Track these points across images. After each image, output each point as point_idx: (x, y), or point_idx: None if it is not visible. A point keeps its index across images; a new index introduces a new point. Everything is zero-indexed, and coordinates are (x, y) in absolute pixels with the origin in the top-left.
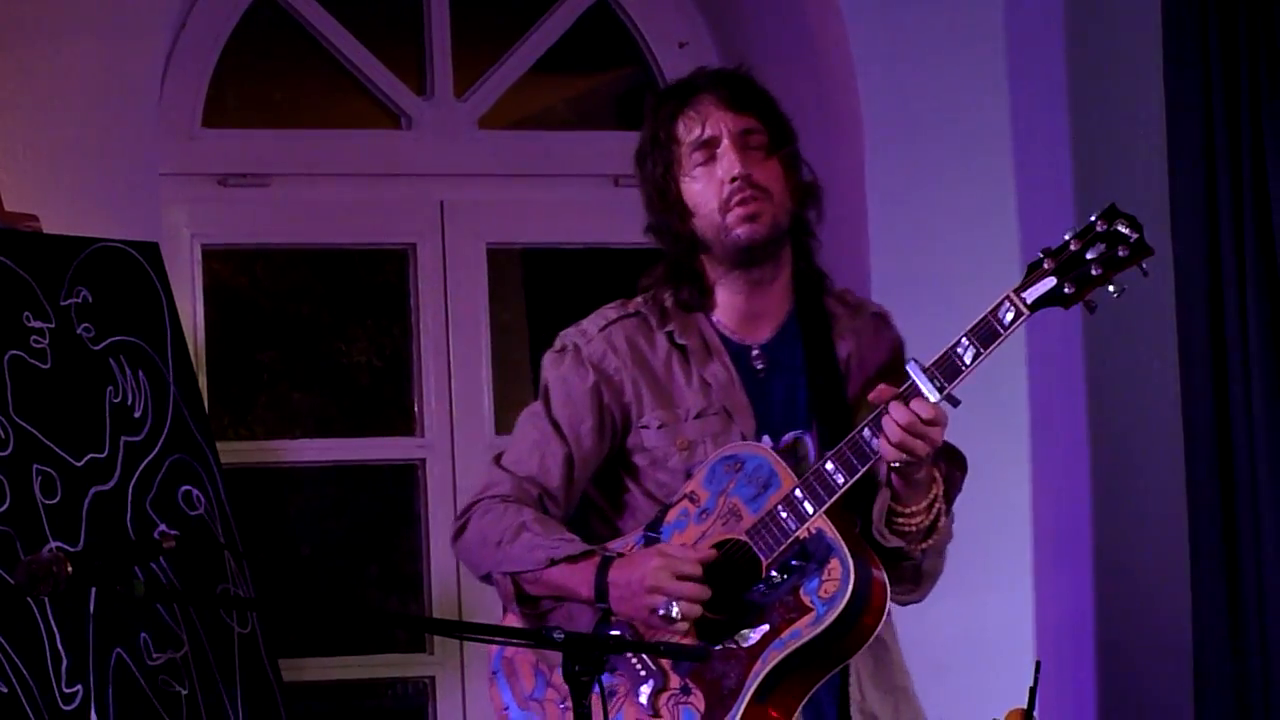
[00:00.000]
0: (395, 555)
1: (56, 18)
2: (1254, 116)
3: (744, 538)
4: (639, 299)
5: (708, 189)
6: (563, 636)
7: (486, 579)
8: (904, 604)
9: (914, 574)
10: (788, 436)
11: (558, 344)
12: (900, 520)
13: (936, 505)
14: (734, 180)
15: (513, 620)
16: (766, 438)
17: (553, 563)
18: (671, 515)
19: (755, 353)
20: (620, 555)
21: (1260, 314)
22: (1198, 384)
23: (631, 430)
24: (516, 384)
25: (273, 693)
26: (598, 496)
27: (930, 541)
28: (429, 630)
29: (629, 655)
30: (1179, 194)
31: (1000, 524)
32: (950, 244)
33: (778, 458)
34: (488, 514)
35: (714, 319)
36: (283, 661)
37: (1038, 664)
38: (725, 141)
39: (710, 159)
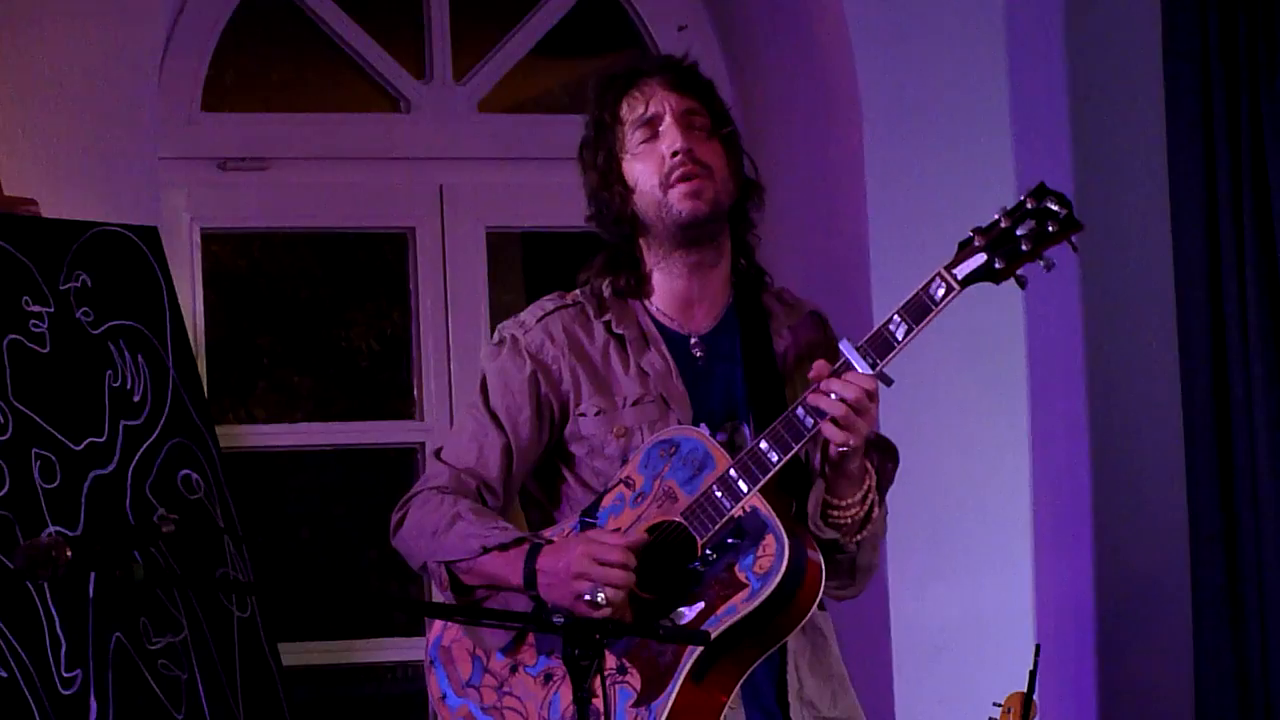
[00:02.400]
0: None
1: (55, 2)
2: (1253, 104)
3: (680, 519)
4: (577, 291)
5: (649, 165)
6: (563, 621)
7: (423, 570)
8: (839, 599)
9: (849, 568)
10: (726, 428)
11: (495, 336)
12: (835, 513)
13: (870, 497)
14: (675, 154)
15: None
16: (704, 426)
17: (485, 550)
18: (607, 500)
19: (694, 341)
20: (549, 542)
21: (1259, 300)
22: (1197, 369)
23: (570, 419)
24: None
25: (272, 677)
26: (535, 488)
27: (864, 534)
28: (428, 614)
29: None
30: (1179, 182)
31: (1000, 507)
32: (949, 231)
33: (712, 440)
34: (424, 505)
35: (652, 308)
36: (282, 645)
37: (1037, 647)
38: (668, 118)
39: (652, 136)
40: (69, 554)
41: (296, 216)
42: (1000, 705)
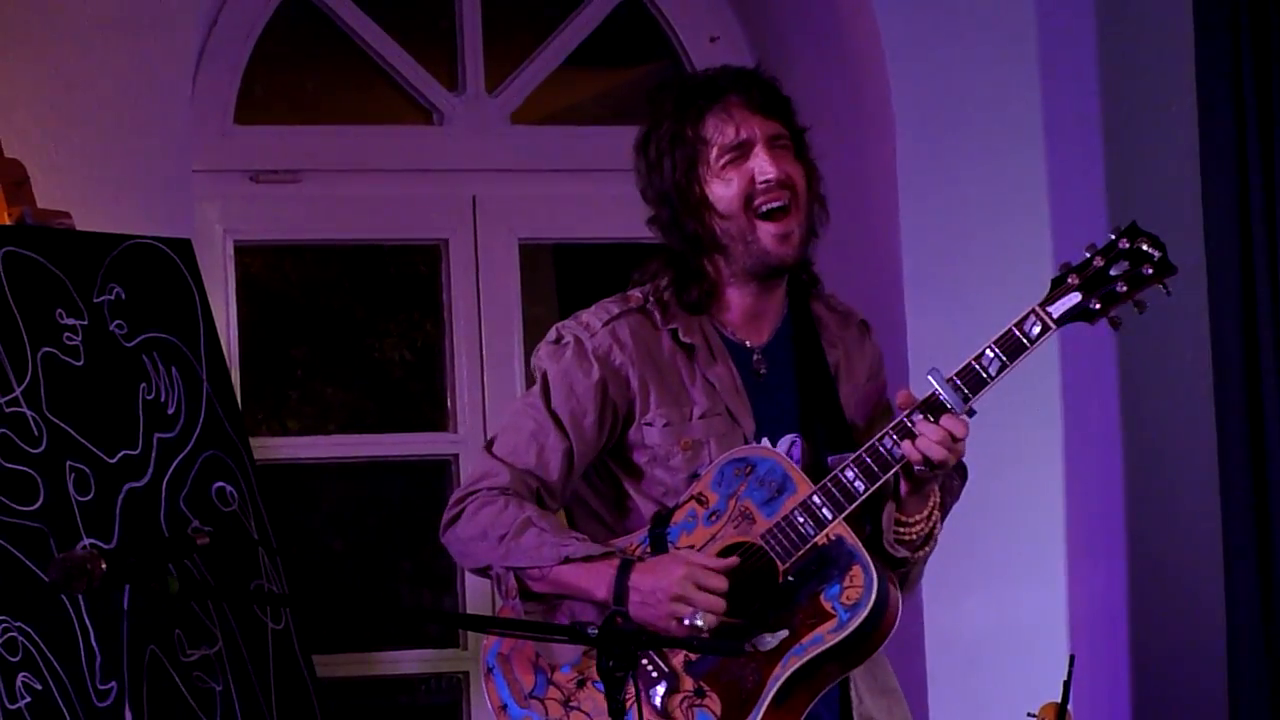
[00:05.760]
0: (428, 551)
1: (88, 15)
2: None
3: (759, 541)
4: (638, 293)
5: (735, 189)
6: (596, 632)
7: (482, 573)
8: None
9: (903, 582)
10: (785, 440)
11: (555, 335)
12: (901, 529)
13: (934, 514)
14: (765, 182)
15: (508, 614)
16: (765, 440)
17: (566, 561)
18: (679, 516)
19: (756, 357)
20: (639, 559)
21: None
22: (1230, 378)
23: (634, 425)
24: None
25: (306, 689)
26: (591, 497)
27: (925, 550)
28: (462, 626)
29: (640, 656)
30: (1211, 193)
31: (1033, 518)
32: (982, 239)
33: (791, 462)
34: (487, 506)
35: (718, 320)
36: (316, 657)
37: (1071, 658)
38: (759, 145)
39: (740, 158)
40: (104, 567)
41: (329, 228)
42: (1034, 716)
